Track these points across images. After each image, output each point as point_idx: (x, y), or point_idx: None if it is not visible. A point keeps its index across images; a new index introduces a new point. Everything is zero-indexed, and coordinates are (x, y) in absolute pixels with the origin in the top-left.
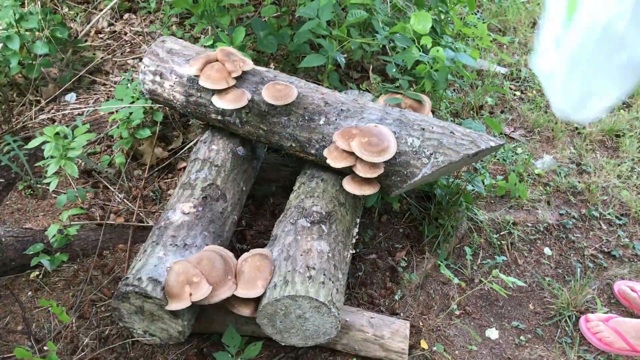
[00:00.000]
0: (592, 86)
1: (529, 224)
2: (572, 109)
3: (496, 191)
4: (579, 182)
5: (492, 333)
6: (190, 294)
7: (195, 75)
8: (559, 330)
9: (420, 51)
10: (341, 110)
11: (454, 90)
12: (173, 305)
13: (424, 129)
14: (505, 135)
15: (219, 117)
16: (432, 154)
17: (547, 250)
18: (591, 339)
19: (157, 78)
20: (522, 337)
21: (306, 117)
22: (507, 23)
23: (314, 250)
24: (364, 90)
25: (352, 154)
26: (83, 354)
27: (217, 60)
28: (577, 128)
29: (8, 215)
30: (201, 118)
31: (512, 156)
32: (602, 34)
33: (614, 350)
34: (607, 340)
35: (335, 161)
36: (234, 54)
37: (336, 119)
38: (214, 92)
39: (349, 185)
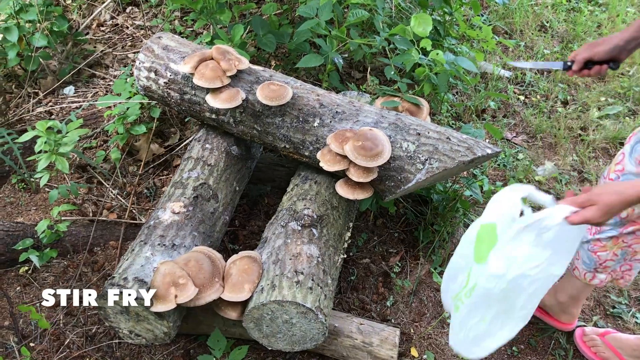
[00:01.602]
0: (489, 328)
1: None
2: (465, 347)
3: None
4: (579, 189)
5: None
6: (176, 296)
7: (189, 73)
8: (553, 342)
9: (420, 54)
10: (336, 112)
11: (456, 93)
12: (158, 307)
13: (419, 134)
14: (507, 140)
15: (213, 116)
16: (426, 160)
17: None
18: (586, 353)
19: (152, 75)
20: (514, 348)
21: (300, 119)
22: (514, 26)
23: (304, 255)
24: (363, 91)
25: (345, 157)
26: (69, 351)
27: (212, 59)
28: (580, 135)
29: (0, 208)
30: (195, 116)
31: (513, 162)
32: (512, 284)
33: None
34: (602, 356)
35: (329, 164)
36: (229, 52)
37: (331, 121)
38: (208, 90)
39: (341, 189)
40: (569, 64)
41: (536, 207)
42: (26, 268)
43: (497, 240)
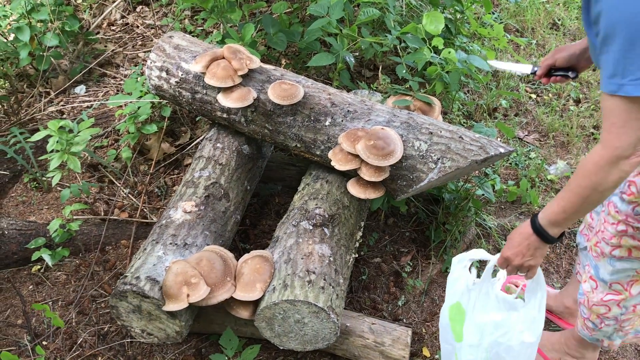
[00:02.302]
0: None
1: None
2: None
3: (507, 197)
4: None
5: None
6: (188, 295)
7: (201, 73)
8: None
9: (431, 52)
10: (348, 111)
11: (468, 91)
12: (170, 306)
13: (432, 133)
14: (519, 139)
15: (225, 115)
16: (439, 159)
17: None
18: None
19: (164, 74)
20: None
21: (312, 118)
22: (525, 23)
23: (315, 254)
24: (374, 90)
25: (357, 156)
26: (81, 350)
27: (223, 58)
28: (593, 133)
29: (13, 207)
30: (207, 115)
31: (525, 161)
32: (490, 352)
33: None
34: None
35: (340, 163)
36: (240, 52)
37: (342, 120)
38: (220, 90)
39: (353, 189)
40: (535, 69)
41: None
42: (39, 267)
43: (465, 313)
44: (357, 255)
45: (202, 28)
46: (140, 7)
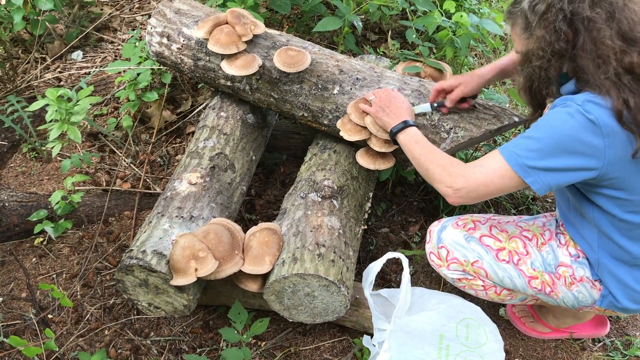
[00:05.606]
0: None
1: (549, 200)
2: None
3: None
4: None
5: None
6: (196, 269)
7: (203, 39)
8: None
9: (442, 16)
10: (357, 79)
11: (476, 55)
12: (178, 281)
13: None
14: None
15: (229, 83)
16: (451, 129)
17: None
18: (517, 324)
19: (165, 40)
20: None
21: (319, 86)
22: None
23: (325, 227)
24: (381, 55)
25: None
26: (88, 324)
27: (226, 23)
28: None
29: (12, 178)
30: (210, 83)
31: None
32: None
33: (538, 334)
34: (530, 325)
35: (349, 134)
36: (245, 16)
37: (351, 89)
38: (223, 56)
39: (362, 159)
40: (435, 104)
41: None
42: (41, 239)
43: None
44: (365, 227)
45: None
46: None
